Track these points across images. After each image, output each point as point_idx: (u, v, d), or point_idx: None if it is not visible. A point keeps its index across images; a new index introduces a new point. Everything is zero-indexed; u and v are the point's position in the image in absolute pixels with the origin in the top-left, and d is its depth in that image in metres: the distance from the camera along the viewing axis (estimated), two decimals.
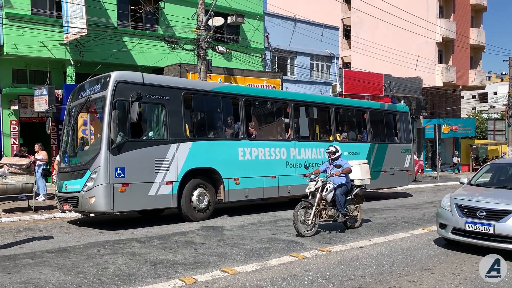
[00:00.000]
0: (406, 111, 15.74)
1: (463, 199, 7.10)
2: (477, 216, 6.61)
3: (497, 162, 9.15)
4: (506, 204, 6.61)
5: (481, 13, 36.91)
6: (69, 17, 14.70)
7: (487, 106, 67.66)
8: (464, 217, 6.75)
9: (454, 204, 7.01)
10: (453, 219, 6.88)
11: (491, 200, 6.85)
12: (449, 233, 6.91)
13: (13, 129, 15.78)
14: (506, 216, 6.40)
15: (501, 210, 6.50)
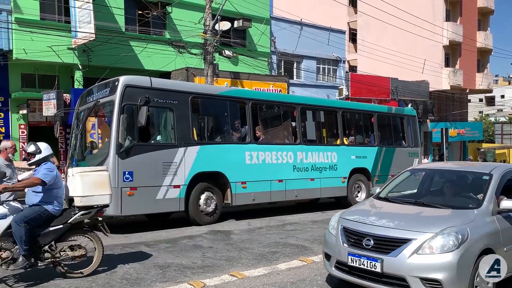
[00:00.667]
0: (413, 114, 15.67)
1: (352, 219, 5.17)
2: (363, 246, 4.73)
3: (421, 167, 7.27)
4: (402, 229, 4.69)
5: (488, 16, 36.77)
6: (77, 22, 14.82)
7: (494, 110, 67.31)
8: (349, 246, 4.88)
9: (340, 227, 5.14)
10: (336, 248, 5.02)
11: (386, 222, 4.88)
12: (333, 267, 5.06)
13: (22, 133, 15.90)
14: (400, 247, 4.50)
15: (393, 238, 4.60)
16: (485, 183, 5.39)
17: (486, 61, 36.99)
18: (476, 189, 5.54)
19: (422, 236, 4.53)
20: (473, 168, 6.31)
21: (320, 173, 12.19)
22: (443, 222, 4.72)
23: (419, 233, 4.57)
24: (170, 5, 17.34)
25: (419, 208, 5.37)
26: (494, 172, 5.53)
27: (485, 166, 6.18)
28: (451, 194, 5.92)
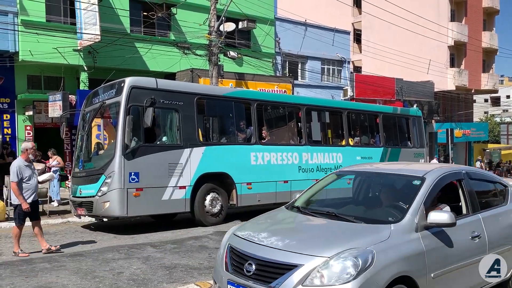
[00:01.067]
0: (419, 115, 15.62)
1: (242, 236, 4.18)
2: (244, 272, 3.78)
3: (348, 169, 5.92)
4: (290, 250, 3.66)
5: (493, 16, 36.61)
6: (83, 23, 14.88)
7: (499, 110, 66.96)
8: (231, 271, 3.95)
9: (227, 246, 4.20)
10: (219, 273, 4.12)
11: (275, 241, 3.85)
12: None
13: (28, 134, 15.97)
14: (284, 275, 3.52)
15: (277, 263, 3.61)
16: (415, 189, 4.32)
17: (492, 61, 36.82)
18: (406, 198, 4.35)
19: (312, 261, 3.48)
20: (405, 171, 5.11)
21: (325, 174, 12.14)
22: (343, 243, 3.64)
23: (309, 257, 3.51)
24: (175, 6, 17.37)
25: (326, 222, 4.27)
26: (428, 176, 4.47)
27: (421, 169, 4.94)
28: (374, 203, 4.97)
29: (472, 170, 5.43)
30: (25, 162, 7.00)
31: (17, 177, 6.83)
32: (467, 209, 4.67)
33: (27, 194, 6.97)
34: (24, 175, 6.92)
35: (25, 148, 7.07)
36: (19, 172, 6.87)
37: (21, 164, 6.94)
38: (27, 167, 7.01)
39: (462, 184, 4.75)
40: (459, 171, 4.94)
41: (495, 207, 5.08)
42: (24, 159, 7.01)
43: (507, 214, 5.10)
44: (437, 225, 3.99)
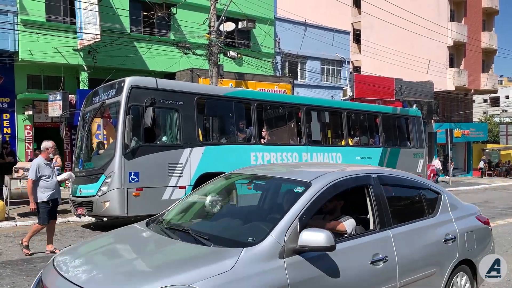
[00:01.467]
0: (418, 115, 15.66)
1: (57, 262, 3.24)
2: None
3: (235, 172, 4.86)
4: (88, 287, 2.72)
5: (493, 16, 36.65)
6: (83, 23, 14.88)
7: (499, 110, 67.06)
8: None
9: (38, 276, 3.42)
10: None
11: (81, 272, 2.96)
12: None
13: (28, 134, 15.98)
14: None
15: None
16: (294, 199, 3.35)
17: (491, 62, 36.87)
18: (281, 210, 3.39)
19: None
20: (293, 174, 4.07)
21: None
22: (162, 276, 2.66)
23: None
24: (175, 6, 17.38)
25: (167, 244, 3.33)
26: (315, 182, 3.47)
27: (313, 172, 3.86)
28: (250, 216, 4.09)
29: (388, 173, 4.31)
30: (45, 160, 7.11)
31: (35, 175, 6.93)
32: (374, 223, 3.68)
33: (47, 192, 7.08)
34: (44, 174, 7.03)
35: (46, 147, 7.17)
36: (38, 170, 6.97)
37: (41, 162, 7.05)
38: (47, 165, 7.12)
39: (370, 191, 3.76)
40: (367, 175, 3.88)
41: (418, 219, 4.06)
42: (44, 157, 7.13)
43: (433, 228, 4.07)
44: (310, 249, 2.96)
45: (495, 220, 10.99)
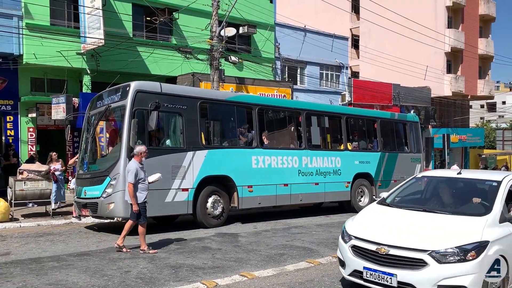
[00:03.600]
0: (416, 120, 15.91)
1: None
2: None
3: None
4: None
5: (489, 23, 37.05)
6: (87, 27, 15.09)
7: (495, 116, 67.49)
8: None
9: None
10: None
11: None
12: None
13: (31, 136, 16.14)
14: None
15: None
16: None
17: (488, 68, 37.23)
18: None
19: None
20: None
21: (324, 178, 12.41)
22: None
23: None
24: (177, 11, 17.62)
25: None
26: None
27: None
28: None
29: None
30: (139, 164, 7.43)
31: (135, 178, 7.26)
32: None
33: (143, 194, 7.42)
34: (141, 176, 7.36)
35: (140, 152, 7.53)
36: (138, 173, 7.29)
37: (137, 166, 7.36)
38: (141, 169, 7.44)
39: None
40: None
41: None
42: (138, 161, 7.45)
43: None
44: None
45: None
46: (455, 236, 4.70)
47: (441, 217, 5.27)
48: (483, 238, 4.62)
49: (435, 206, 5.88)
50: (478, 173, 6.87)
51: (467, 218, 5.09)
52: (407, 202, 6.18)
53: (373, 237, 4.99)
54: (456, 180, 6.29)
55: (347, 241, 5.26)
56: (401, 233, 4.97)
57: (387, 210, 5.84)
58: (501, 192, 5.38)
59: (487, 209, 5.19)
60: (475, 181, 6.22)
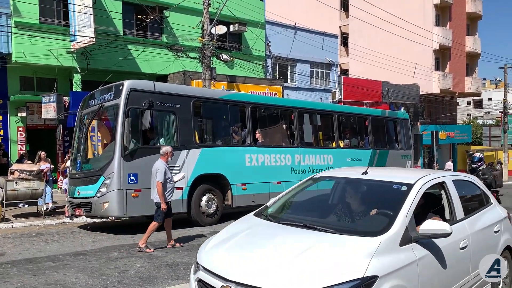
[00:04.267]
0: (406, 118, 16.10)
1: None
2: None
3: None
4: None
5: (476, 21, 37.51)
6: (77, 25, 14.96)
7: (482, 113, 68.39)
8: None
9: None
10: None
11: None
12: None
13: (20, 136, 15.98)
14: None
15: None
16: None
17: (475, 65, 37.71)
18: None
19: None
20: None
21: None
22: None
23: None
24: (168, 9, 17.55)
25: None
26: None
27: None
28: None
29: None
30: (166, 164, 7.60)
31: (164, 177, 7.41)
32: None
33: (169, 193, 7.59)
34: (168, 176, 7.53)
35: (166, 152, 7.74)
36: (166, 172, 7.47)
37: (165, 165, 7.53)
38: (168, 168, 7.63)
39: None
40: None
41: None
42: (164, 161, 7.62)
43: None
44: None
45: None
46: (328, 269, 3.17)
47: (320, 238, 3.67)
48: (367, 273, 3.14)
49: (321, 219, 4.33)
50: (389, 173, 5.29)
51: (354, 239, 3.55)
52: (294, 212, 4.78)
53: (221, 269, 3.45)
54: (359, 183, 4.77)
55: (196, 270, 3.77)
56: (257, 264, 3.39)
57: (259, 224, 4.26)
58: (409, 201, 3.90)
59: (387, 225, 3.65)
60: (381, 184, 4.57)
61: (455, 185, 4.67)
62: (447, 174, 4.89)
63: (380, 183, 4.60)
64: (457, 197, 4.56)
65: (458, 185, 4.77)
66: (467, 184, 5.19)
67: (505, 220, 5.21)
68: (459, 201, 4.58)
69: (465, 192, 5.05)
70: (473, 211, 4.87)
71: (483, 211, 5.01)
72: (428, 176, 4.42)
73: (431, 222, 3.77)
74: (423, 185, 4.18)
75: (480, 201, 5.21)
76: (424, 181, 4.27)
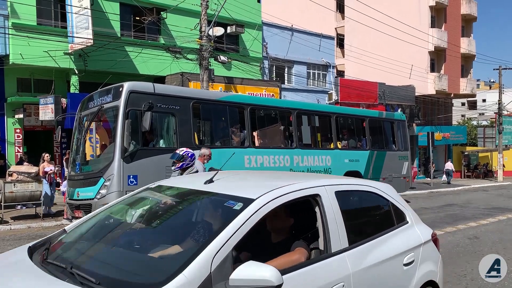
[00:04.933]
0: (403, 119, 16.19)
1: None
2: None
3: None
4: None
5: (471, 23, 37.78)
6: (74, 27, 14.94)
7: (476, 114, 68.82)
8: None
9: None
10: None
11: None
12: None
13: (17, 137, 15.92)
14: None
15: None
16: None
17: (470, 67, 37.97)
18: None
19: None
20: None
21: None
22: None
23: None
24: (165, 11, 17.56)
25: None
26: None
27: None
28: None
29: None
30: (203, 165, 7.62)
31: None
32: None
33: None
34: None
35: (203, 154, 7.87)
36: None
37: (202, 167, 7.54)
38: (205, 170, 7.62)
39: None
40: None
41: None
42: (202, 162, 7.66)
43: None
44: None
45: (478, 220, 11.53)
46: None
47: None
48: None
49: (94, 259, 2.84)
50: (242, 182, 3.69)
51: None
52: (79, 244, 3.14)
53: None
54: (191, 197, 3.41)
55: None
56: None
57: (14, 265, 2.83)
58: (231, 229, 2.51)
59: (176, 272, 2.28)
60: (214, 200, 3.10)
61: (341, 198, 3.19)
62: (329, 183, 3.26)
63: (214, 198, 3.07)
64: (338, 217, 3.05)
65: (347, 199, 3.42)
66: (366, 197, 3.67)
67: (425, 245, 3.67)
68: (342, 222, 3.07)
69: (360, 207, 3.74)
70: (369, 236, 3.33)
71: (388, 235, 3.44)
72: (288, 187, 2.93)
73: (249, 267, 2.32)
74: (269, 202, 2.73)
75: (387, 220, 3.64)
76: (275, 195, 2.79)
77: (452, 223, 11.04)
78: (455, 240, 8.80)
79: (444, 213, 13.17)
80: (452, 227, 10.31)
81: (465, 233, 9.57)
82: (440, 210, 13.97)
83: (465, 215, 12.70)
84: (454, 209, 14.13)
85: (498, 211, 13.64)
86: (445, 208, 14.40)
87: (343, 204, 3.19)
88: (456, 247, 8.03)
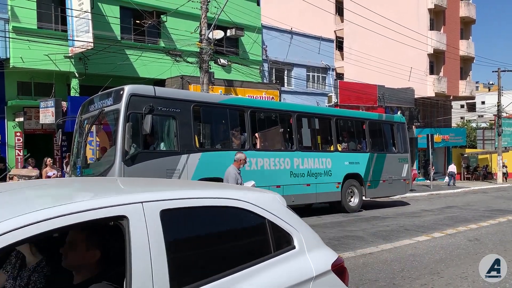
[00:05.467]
0: (402, 121, 16.22)
1: None
2: None
3: None
4: None
5: (470, 25, 37.89)
6: (75, 30, 14.98)
7: (475, 116, 68.85)
8: None
9: None
10: None
11: None
12: None
13: (18, 141, 15.92)
14: None
15: None
16: None
17: (469, 69, 38.06)
18: None
19: None
20: None
21: (315, 179, 12.58)
22: None
23: None
24: (165, 14, 17.61)
25: None
26: None
27: None
28: None
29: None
30: (237, 170, 7.90)
31: (236, 182, 7.70)
32: None
33: None
34: (239, 182, 7.80)
35: (239, 159, 8.15)
36: (237, 178, 7.73)
37: (236, 171, 7.83)
38: (239, 174, 7.92)
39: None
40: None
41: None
42: (236, 167, 7.93)
43: None
44: None
45: (478, 222, 11.54)
46: None
47: None
48: None
49: None
50: None
51: None
52: None
53: None
54: None
55: None
56: None
57: None
58: None
59: None
60: None
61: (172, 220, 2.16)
62: (153, 198, 2.16)
63: None
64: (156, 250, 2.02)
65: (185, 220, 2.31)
66: (222, 214, 2.49)
67: (320, 279, 2.56)
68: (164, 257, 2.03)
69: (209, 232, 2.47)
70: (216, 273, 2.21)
71: (252, 270, 2.33)
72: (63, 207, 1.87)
73: None
74: None
75: (257, 247, 2.55)
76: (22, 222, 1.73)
77: (452, 225, 11.06)
78: (455, 242, 8.81)
79: (444, 215, 13.19)
80: (452, 229, 10.32)
81: (465, 235, 9.59)
82: (440, 212, 13.98)
83: (465, 217, 12.72)
84: (454, 211, 14.14)
85: (499, 213, 13.66)
86: (445, 210, 14.42)
87: (174, 229, 2.17)
88: (457, 249, 8.04)
